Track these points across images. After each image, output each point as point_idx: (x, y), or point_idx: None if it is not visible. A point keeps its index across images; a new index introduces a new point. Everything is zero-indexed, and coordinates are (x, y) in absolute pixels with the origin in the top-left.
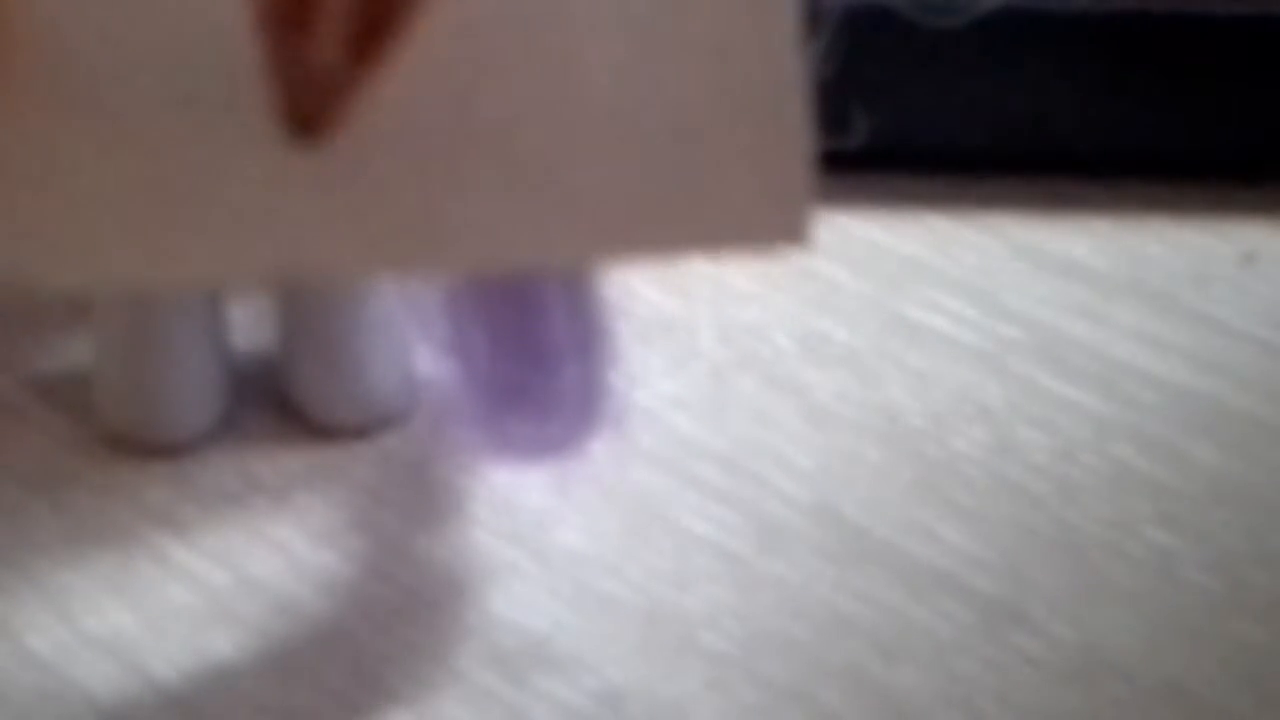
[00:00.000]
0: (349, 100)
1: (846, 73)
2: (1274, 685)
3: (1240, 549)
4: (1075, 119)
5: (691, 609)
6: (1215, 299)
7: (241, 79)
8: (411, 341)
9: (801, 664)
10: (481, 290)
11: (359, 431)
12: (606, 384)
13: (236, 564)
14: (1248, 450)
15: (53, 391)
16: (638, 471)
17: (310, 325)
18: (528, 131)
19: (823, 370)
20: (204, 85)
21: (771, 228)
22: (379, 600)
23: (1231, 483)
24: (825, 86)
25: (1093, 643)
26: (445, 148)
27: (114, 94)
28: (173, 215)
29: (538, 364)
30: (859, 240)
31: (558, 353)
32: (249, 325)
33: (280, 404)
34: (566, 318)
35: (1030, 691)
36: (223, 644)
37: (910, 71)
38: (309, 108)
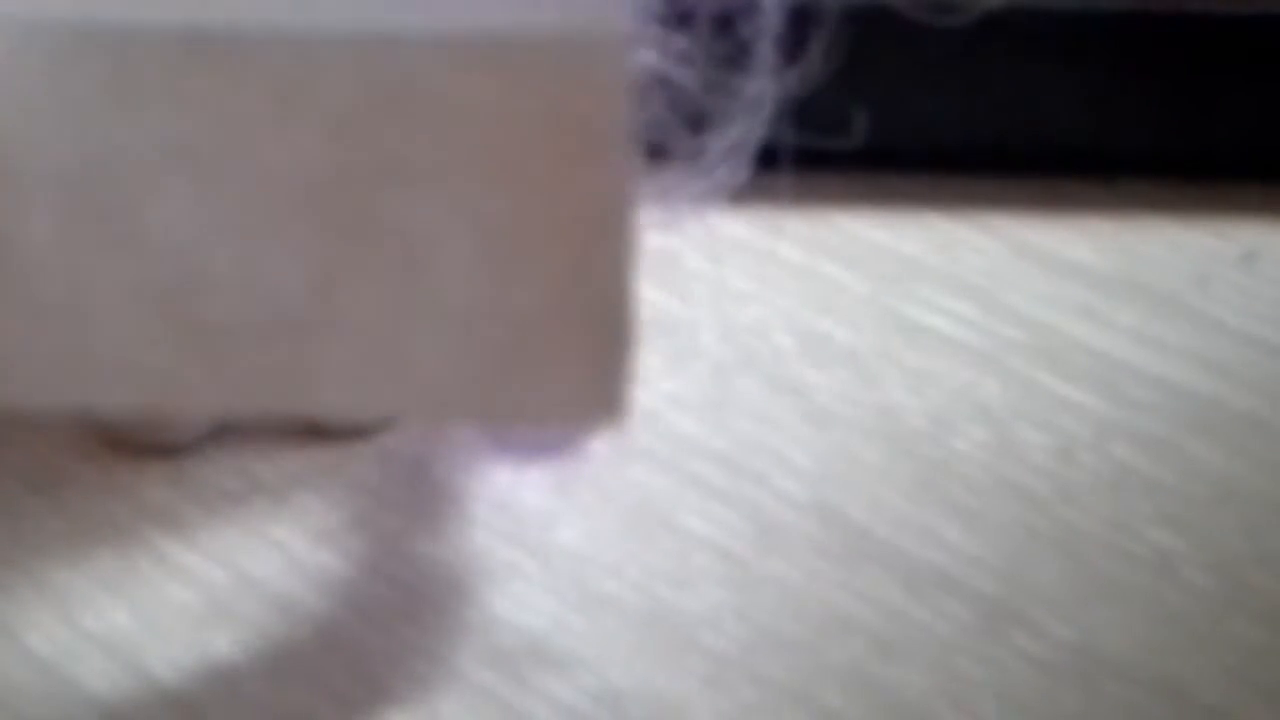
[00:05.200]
0: None
1: (846, 73)
2: (1274, 685)
3: (1240, 549)
4: (1075, 119)
5: (691, 609)
6: (1215, 299)
7: None
8: None
9: (801, 664)
10: None
11: (359, 431)
12: None
13: (236, 564)
14: (1248, 450)
15: None
16: (638, 471)
17: None
18: (376, 317)
19: (823, 370)
20: None
21: (590, 409)
22: (379, 600)
23: (1231, 483)
24: (825, 86)
25: (1093, 643)
26: (294, 319)
27: None
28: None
29: None
30: (859, 240)
31: None
32: None
33: None
34: None
35: (1030, 691)
36: (223, 644)
37: (910, 71)
38: None
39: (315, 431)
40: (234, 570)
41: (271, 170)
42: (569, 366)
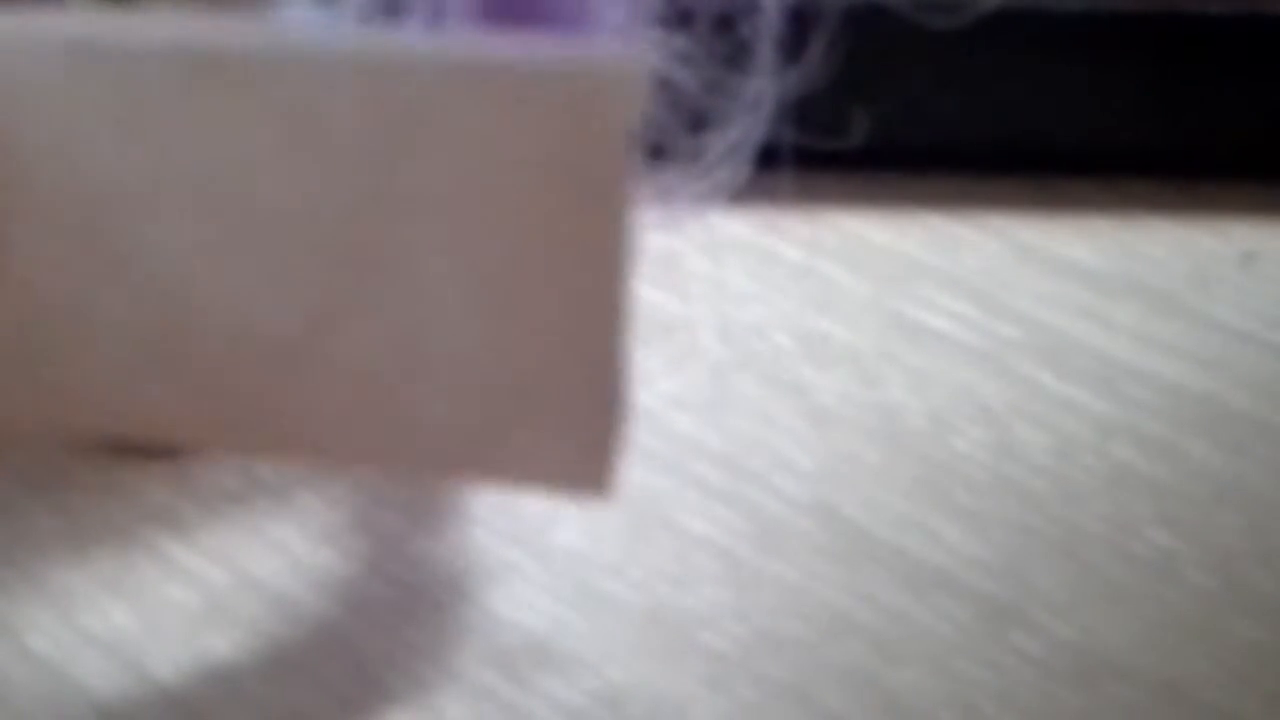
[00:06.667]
0: None
1: (846, 73)
2: (1274, 685)
3: (1240, 549)
4: (1076, 119)
5: (691, 609)
6: (1215, 299)
7: None
8: None
9: (801, 664)
10: None
11: None
12: None
13: (236, 564)
14: (1248, 450)
15: None
16: (638, 471)
17: None
18: (370, 359)
19: (823, 370)
20: None
21: (575, 477)
22: (379, 600)
23: (1231, 483)
24: (825, 86)
25: (1093, 643)
26: (287, 355)
27: None
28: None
29: None
30: (859, 240)
31: None
32: None
33: None
34: None
35: (1030, 691)
36: (223, 644)
37: (910, 71)
38: None
39: None
40: (234, 570)
41: (274, 199)
42: (558, 432)
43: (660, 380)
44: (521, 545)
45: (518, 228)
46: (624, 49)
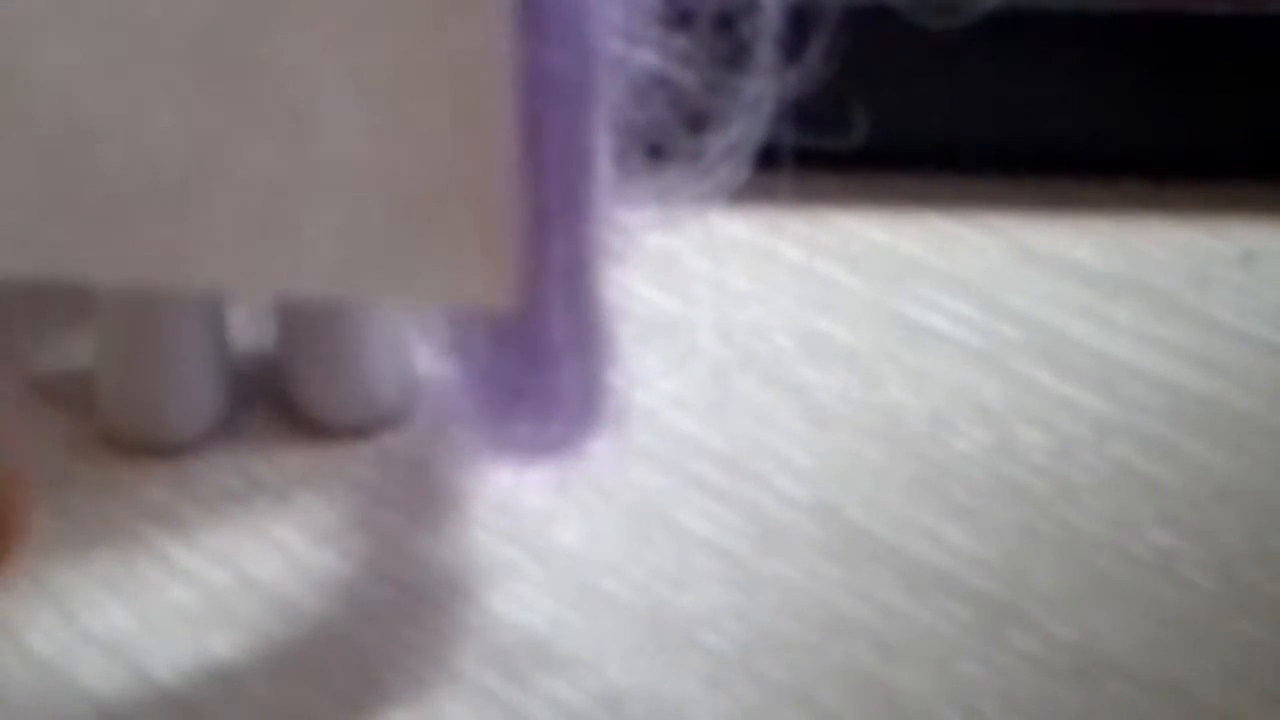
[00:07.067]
0: None
1: (846, 73)
2: (1274, 685)
3: (1240, 549)
4: (1076, 119)
5: (691, 609)
6: (1216, 299)
7: None
8: (411, 341)
9: (801, 664)
10: None
11: (359, 431)
12: (606, 384)
13: (236, 564)
14: (1248, 450)
15: (53, 391)
16: (638, 471)
17: (310, 324)
18: (261, 179)
19: (823, 370)
20: None
21: (479, 289)
22: (379, 600)
23: (1231, 483)
24: (825, 86)
25: (1093, 643)
26: (182, 178)
27: None
28: None
29: (537, 364)
30: (859, 240)
31: (557, 352)
32: (249, 325)
33: (280, 404)
34: (566, 317)
35: (1030, 691)
36: (223, 644)
37: (910, 71)
38: None
39: (315, 430)
40: (234, 570)
41: (161, 16)
42: (455, 241)
43: (660, 380)
44: (521, 545)
45: (397, 33)
46: None
